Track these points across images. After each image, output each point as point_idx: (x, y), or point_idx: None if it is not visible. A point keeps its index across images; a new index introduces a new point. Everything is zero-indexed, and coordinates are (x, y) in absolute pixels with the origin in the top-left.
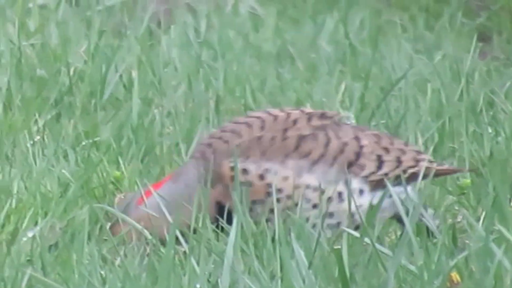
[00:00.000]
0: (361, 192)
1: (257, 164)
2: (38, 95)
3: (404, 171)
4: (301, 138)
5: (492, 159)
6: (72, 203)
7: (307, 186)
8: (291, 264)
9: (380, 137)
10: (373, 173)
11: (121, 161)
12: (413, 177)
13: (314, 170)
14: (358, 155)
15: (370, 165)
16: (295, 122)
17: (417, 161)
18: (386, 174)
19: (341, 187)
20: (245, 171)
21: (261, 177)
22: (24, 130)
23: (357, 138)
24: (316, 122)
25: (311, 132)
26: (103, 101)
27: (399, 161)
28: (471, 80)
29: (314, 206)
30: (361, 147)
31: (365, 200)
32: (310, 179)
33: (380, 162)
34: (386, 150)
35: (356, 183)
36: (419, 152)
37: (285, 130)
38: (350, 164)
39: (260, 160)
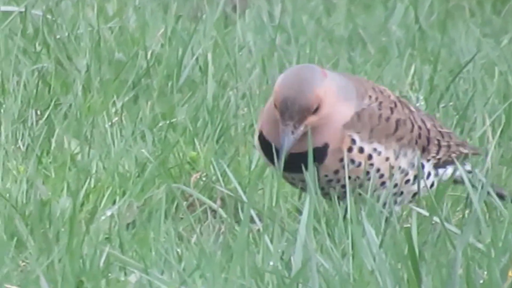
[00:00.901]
0: (428, 174)
1: (368, 144)
2: (116, 78)
3: (450, 157)
4: (398, 122)
5: None
6: (149, 183)
7: (398, 168)
8: (362, 243)
9: (432, 119)
10: (433, 157)
11: (196, 142)
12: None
13: (405, 153)
14: (428, 140)
15: (433, 149)
16: (395, 104)
17: (458, 145)
18: (439, 159)
19: (415, 170)
20: (361, 150)
21: (369, 157)
22: (103, 112)
23: (423, 122)
24: (405, 109)
25: (406, 118)
26: (179, 83)
27: (449, 146)
28: None
29: (395, 185)
30: (428, 131)
31: (429, 182)
32: (402, 162)
33: (438, 147)
34: (441, 134)
35: (426, 167)
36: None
37: (391, 110)
38: (423, 149)
39: (369, 139)
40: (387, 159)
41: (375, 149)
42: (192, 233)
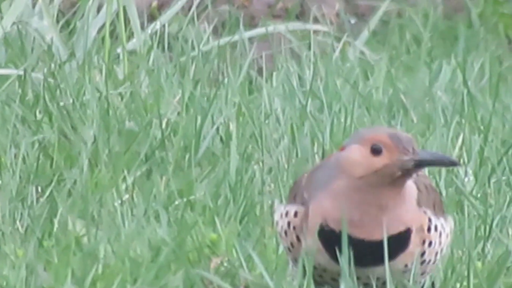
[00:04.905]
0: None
1: (437, 219)
2: (127, 150)
3: None
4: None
5: None
6: (165, 269)
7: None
8: None
9: None
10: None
11: (217, 222)
12: None
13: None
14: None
15: None
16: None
17: None
18: None
19: None
20: (436, 227)
21: (440, 235)
22: (112, 188)
23: None
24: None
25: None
26: (198, 156)
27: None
28: None
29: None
30: None
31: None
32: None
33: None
34: None
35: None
36: None
37: (426, 178)
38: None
39: (435, 214)
40: (447, 235)
41: (442, 225)
42: None
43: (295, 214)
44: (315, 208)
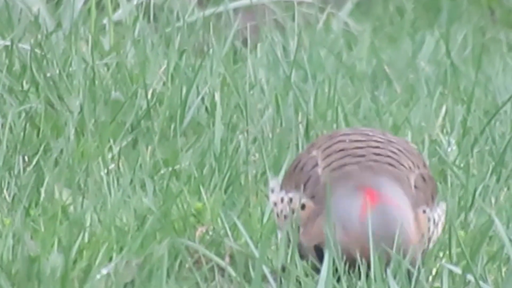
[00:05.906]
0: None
1: (434, 212)
2: (113, 120)
3: None
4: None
5: None
6: (150, 237)
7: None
8: None
9: None
10: None
11: (203, 191)
12: None
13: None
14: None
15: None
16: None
17: None
18: None
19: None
20: (434, 221)
21: (436, 225)
22: (98, 158)
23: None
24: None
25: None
26: (183, 126)
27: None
28: None
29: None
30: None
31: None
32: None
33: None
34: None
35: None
36: None
37: (424, 165)
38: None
39: (433, 205)
40: (442, 223)
41: (439, 216)
42: None
43: (303, 207)
44: (322, 225)
